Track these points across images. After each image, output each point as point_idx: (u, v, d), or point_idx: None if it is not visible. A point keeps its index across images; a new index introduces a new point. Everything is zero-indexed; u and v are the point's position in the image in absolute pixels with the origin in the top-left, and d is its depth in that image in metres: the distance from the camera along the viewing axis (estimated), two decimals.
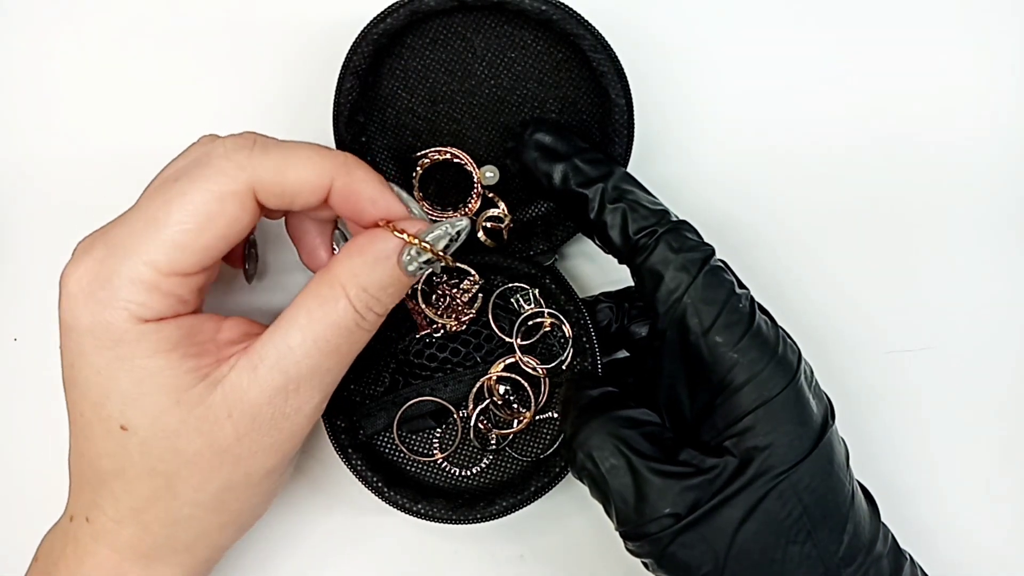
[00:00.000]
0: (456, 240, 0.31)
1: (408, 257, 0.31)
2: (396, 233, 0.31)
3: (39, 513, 0.34)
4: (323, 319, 0.30)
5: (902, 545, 0.32)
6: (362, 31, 0.34)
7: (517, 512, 0.35)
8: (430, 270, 0.32)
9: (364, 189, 0.31)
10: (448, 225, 0.31)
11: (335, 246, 0.35)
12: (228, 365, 0.30)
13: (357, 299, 0.30)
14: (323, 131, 0.35)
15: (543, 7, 0.33)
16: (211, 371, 0.30)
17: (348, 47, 0.34)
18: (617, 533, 0.31)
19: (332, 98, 0.35)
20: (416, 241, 0.30)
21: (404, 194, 0.32)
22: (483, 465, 0.37)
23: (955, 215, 0.40)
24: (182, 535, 0.31)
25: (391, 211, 0.31)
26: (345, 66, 0.34)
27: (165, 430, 0.29)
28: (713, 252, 0.31)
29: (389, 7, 0.33)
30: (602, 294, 0.37)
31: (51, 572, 0.31)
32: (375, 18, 0.34)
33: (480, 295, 0.37)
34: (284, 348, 0.30)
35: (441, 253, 0.31)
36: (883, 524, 0.32)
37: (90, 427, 0.30)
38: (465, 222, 0.32)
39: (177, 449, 0.30)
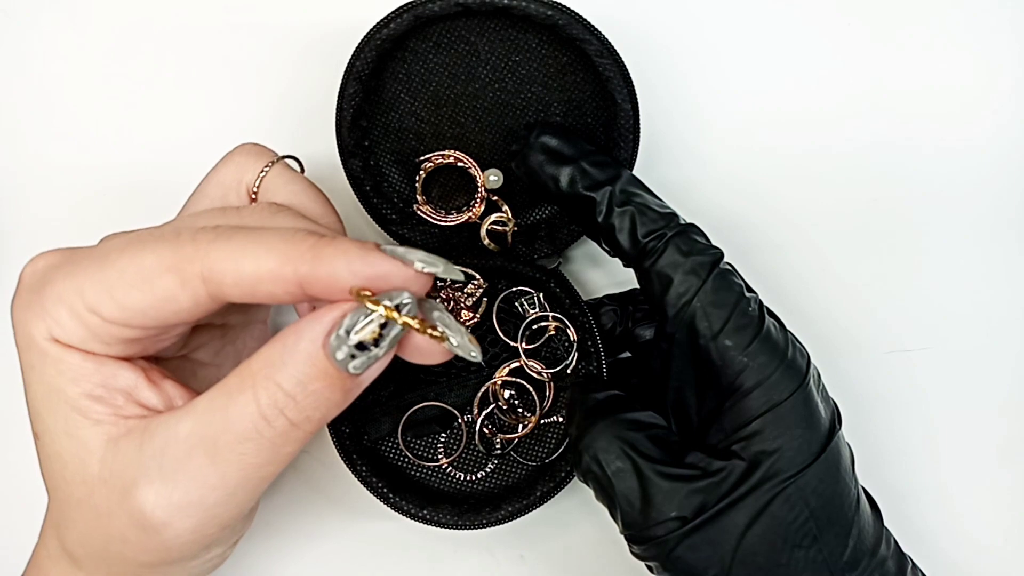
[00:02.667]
0: (396, 320, 0.25)
1: (335, 341, 0.25)
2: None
3: (39, 514, 0.33)
4: (216, 413, 0.25)
5: (903, 547, 0.32)
6: (365, 36, 0.34)
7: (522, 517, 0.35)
8: (372, 362, 0.25)
9: (338, 266, 0.25)
10: (385, 299, 0.25)
11: None
12: (125, 425, 0.27)
13: (265, 395, 0.25)
14: (326, 136, 0.35)
15: (548, 12, 0.33)
16: (106, 420, 0.27)
17: (351, 52, 0.34)
18: (622, 536, 0.31)
19: (335, 103, 0.35)
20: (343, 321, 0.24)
21: (399, 250, 0.26)
22: (488, 470, 0.37)
23: (958, 216, 0.40)
24: (82, 571, 0.29)
25: (379, 276, 0.25)
26: (348, 71, 0.34)
27: (60, 456, 0.27)
28: (722, 255, 0.31)
29: (393, 12, 0.33)
30: (606, 297, 0.37)
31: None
32: (378, 23, 0.33)
33: (484, 299, 0.37)
34: (171, 435, 0.26)
35: (376, 334, 0.24)
36: (885, 528, 0.32)
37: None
38: (404, 296, 0.25)
39: (67, 481, 0.27)
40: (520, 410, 0.37)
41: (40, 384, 0.27)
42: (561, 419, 0.36)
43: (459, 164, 0.36)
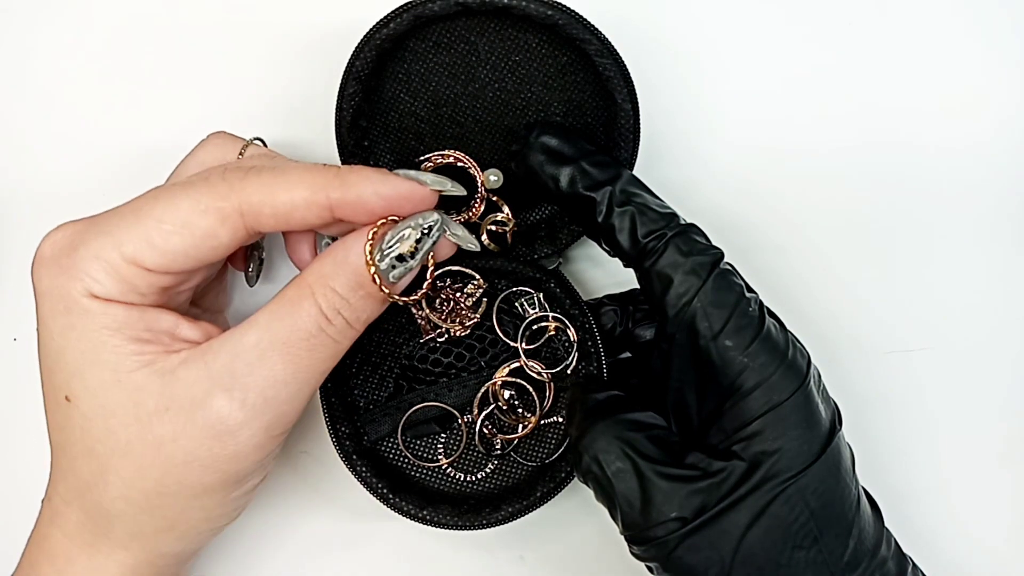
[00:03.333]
0: (428, 235, 0.30)
1: (379, 254, 0.29)
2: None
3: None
4: (284, 319, 0.29)
5: (903, 547, 0.32)
6: (365, 36, 0.34)
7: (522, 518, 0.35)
8: (408, 272, 0.30)
9: (365, 189, 0.29)
10: (414, 221, 0.30)
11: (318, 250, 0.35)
12: (179, 357, 0.29)
13: (323, 299, 0.29)
14: (326, 135, 0.35)
15: (548, 11, 0.32)
16: (157, 359, 0.29)
17: (351, 51, 0.34)
18: (622, 537, 0.31)
19: (335, 102, 0.35)
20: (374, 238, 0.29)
21: (411, 172, 0.30)
22: (488, 470, 0.37)
23: (958, 216, 0.40)
24: (117, 530, 0.30)
25: (401, 195, 0.30)
26: (347, 71, 0.34)
27: (103, 408, 0.29)
28: (722, 256, 0.31)
29: (392, 12, 0.33)
30: (606, 297, 0.37)
31: (26, 556, 0.32)
32: (378, 23, 0.33)
33: (484, 299, 0.37)
34: (239, 347, 0.29)
35: (413, 248, 0.30)
36: (886, 528, 0.32)
37: (46, 398, 0.30)
38: (434, 216, 0.30)
39: (112, 431, 0.29)
40: (520, 410, 0.36)
41: (82, 341, 0.29)
42: (561, 419, 0.36)
43: (459, 164, 0.36)
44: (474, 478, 0.36)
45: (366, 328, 0.32)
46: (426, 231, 0.30)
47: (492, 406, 0.36)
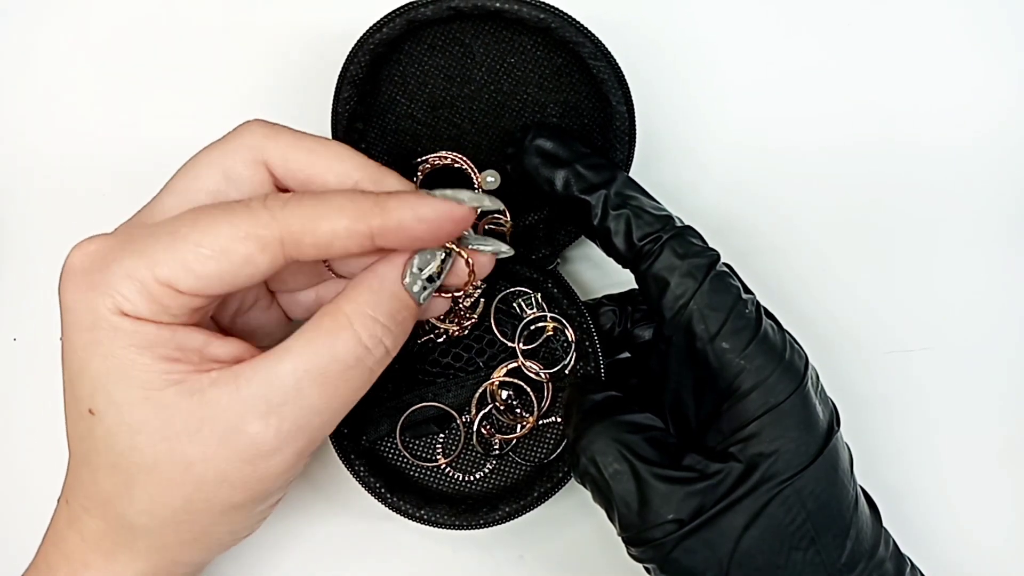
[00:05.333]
0: (451, 254, 0.30)
1: (411, 278, 0.30)
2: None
3: (39, 512, 0.34)
4: (320, 349, 0.29)
5: (902, 547, 0.32)
6: (358, 41, 0.33)
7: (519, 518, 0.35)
8: (432, 291, 0.31)
9: (405, 214, 0.28)
10: (441, 251, 0.30)
11: None
12: (209, 378, 0.29)
13: (364, 329, 0.29)
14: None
15: (541, 15, 0.32)
16: (187, 379, 0.29)
17: (346, 55, 0.34)
18: (620, 538, 0.31)
19: (331, 106, 0.35)
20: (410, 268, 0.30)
21: (447, 192, 0.30)
22: (486, 470, 0.37)
23: (958, 216, 0.40)
24: (140, 543, 0.30)
25: (441, 216, 0.29)
26: (342, 75, 0.34)
27: (129, 425, 0.28)
28: (718, 257, 0.31)
29: (385, 16, 0.33)
30: (605, 297, 0.37)
31: (41, 553, 0.32)
32: (371, 28, 0.33)
33: (482, 300, 0.37)
34: (272, 374, 0.28)
35: (439, 268, 0.30)
36: (884, 529, 0.32)
37: (68, 406, 0.30)
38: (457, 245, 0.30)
39: (138, 449, 0.28)
40: (518, 411, 0.37)
41: (108, 358, 0.28)
42: (559, 420, 0.36)
43: (456, 166, 0.36)
44: (472, 478, 0.37)
45: None
46: (448, 249, 0.30)
47: (490, 406, 0.36)
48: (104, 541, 0.30)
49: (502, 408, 0.36)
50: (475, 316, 0.37)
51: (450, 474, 0.37)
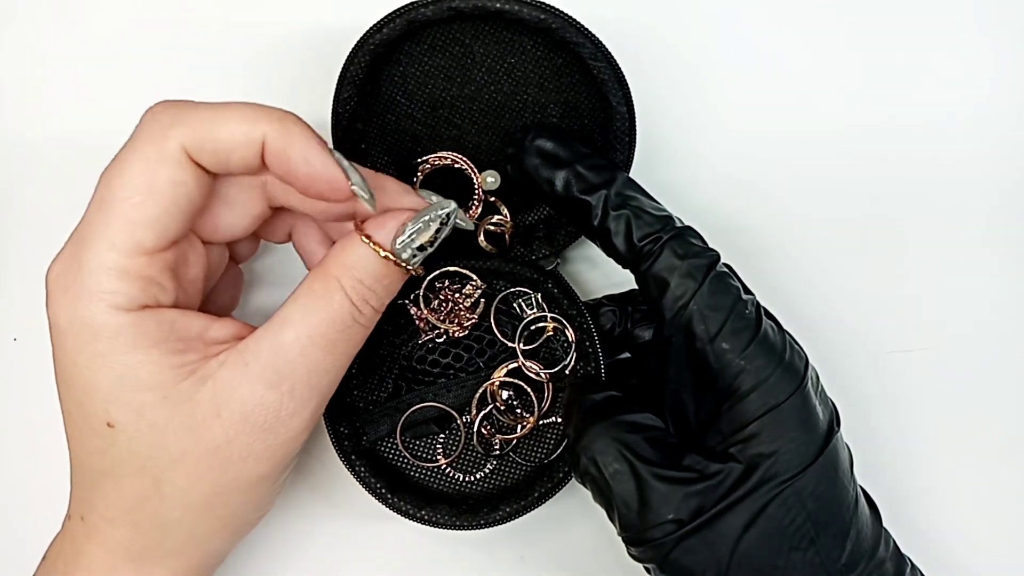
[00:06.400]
0: (446, 224, 0.31)
1: (401, 245, 0.31)
2: (365, 237, 0.30)
3: (40, 514, 0.34)
4: (317, 314, 0.30)
5: (903, 547, 0.32)
6: (358, 41, 0.33)
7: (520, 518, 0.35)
8: (424, 257, 0.31)
9: (296, 144, 0.29)
10: (433, 212, 0.31)
11: None
12: (217, 362, 0.29)
13: (352, 291, 0.30)
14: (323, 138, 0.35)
15: (541, 15, 0.32)
16: (198, 367, 0.29)
17: (346, 55, 0.34)
18: (620, 538, 0.31)
19: (331, 106, 0.35)
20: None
21: (345, 162, 0.30)
22: (486, 470, 0.37)
23: (958, 216, 0.40)
24: (172, 538, 0.30)
25: (325, 171, 0.29)
26: (342, 76, 0.34)
27: (152, 427, 0.29)
28: (718, 258, 0.31)
29: (385, 17, 0.33)
30: (605, 297, 0.37)
31: (51, 572, 0.31)
32: (371, 28, 0.33)
33: (482, 300, 0.37)
34: (277, 345, 0.30)
35: (432, 237, 0.31)
36: (884, 529, 0.32)
37: (77, 425, 0.30)
38: (452, 206, 0.31)
39: (164, 447, 0.29)
40: (518, 411, 0.37)
41: (117, 367, 0.28)
42: (559, 420, 0.36)
43: (456, 166, 0.36)
44: (473, 478, 0.37)
45: None
46: (444, 221, 0.31)
47: (490, 406, 0.36)
48: (131, 548, 0.30)
49: (502, 408, 0.36)
50: (475, 316, 0.37)
51: (450, 474, 0.37)
